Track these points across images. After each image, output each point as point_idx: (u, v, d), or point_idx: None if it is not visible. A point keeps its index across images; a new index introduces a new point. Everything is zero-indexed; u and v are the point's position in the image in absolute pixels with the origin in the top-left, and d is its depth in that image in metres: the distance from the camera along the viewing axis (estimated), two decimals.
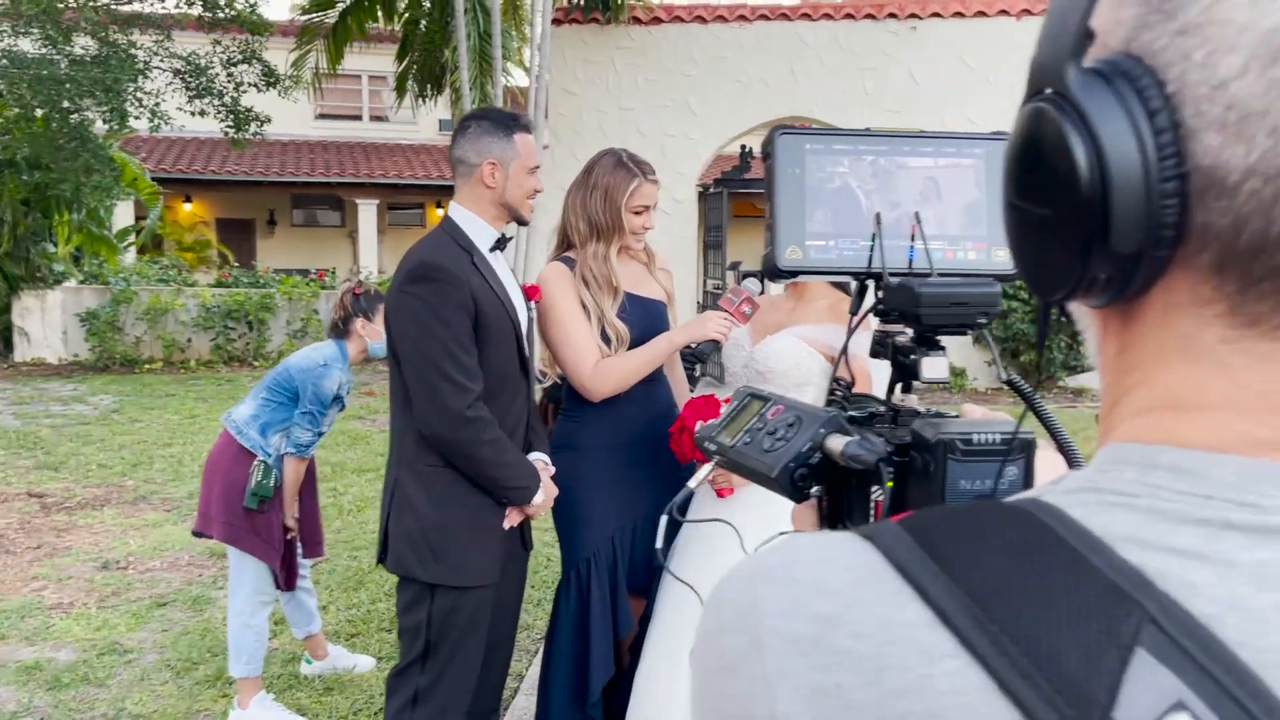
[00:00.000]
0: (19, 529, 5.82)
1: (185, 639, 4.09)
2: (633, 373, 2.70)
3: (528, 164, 2.44)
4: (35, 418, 9.27)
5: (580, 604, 2.76)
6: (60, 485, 6.95)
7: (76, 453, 7.87)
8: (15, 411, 9.60)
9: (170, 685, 3.67)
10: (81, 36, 10.55)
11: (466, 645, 2.40)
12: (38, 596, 4.63)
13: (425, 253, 2.33)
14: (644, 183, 2.73)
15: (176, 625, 4.27)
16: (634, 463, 2.77)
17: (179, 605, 4.51)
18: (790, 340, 2.70)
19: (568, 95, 11.64)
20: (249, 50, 11.77)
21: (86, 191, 10.49)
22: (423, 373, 2.26)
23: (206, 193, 20.79)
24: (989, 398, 10.84)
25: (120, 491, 6.79)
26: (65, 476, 7.21)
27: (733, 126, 11.50)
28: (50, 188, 11.01)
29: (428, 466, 2.35)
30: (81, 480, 7.09)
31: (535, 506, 2.46)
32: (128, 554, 5.30)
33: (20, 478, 7.14)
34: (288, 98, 12.35)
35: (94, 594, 4.67)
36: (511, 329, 2.41)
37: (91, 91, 9.98)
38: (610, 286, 2.74)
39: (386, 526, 2.42)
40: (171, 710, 3.47)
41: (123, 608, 4.47)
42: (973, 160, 0.90)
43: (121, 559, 5.20)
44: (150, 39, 11.04)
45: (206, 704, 3.53)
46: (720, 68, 11.38)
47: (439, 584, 2.36)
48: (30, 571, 5.00)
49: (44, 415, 9.38)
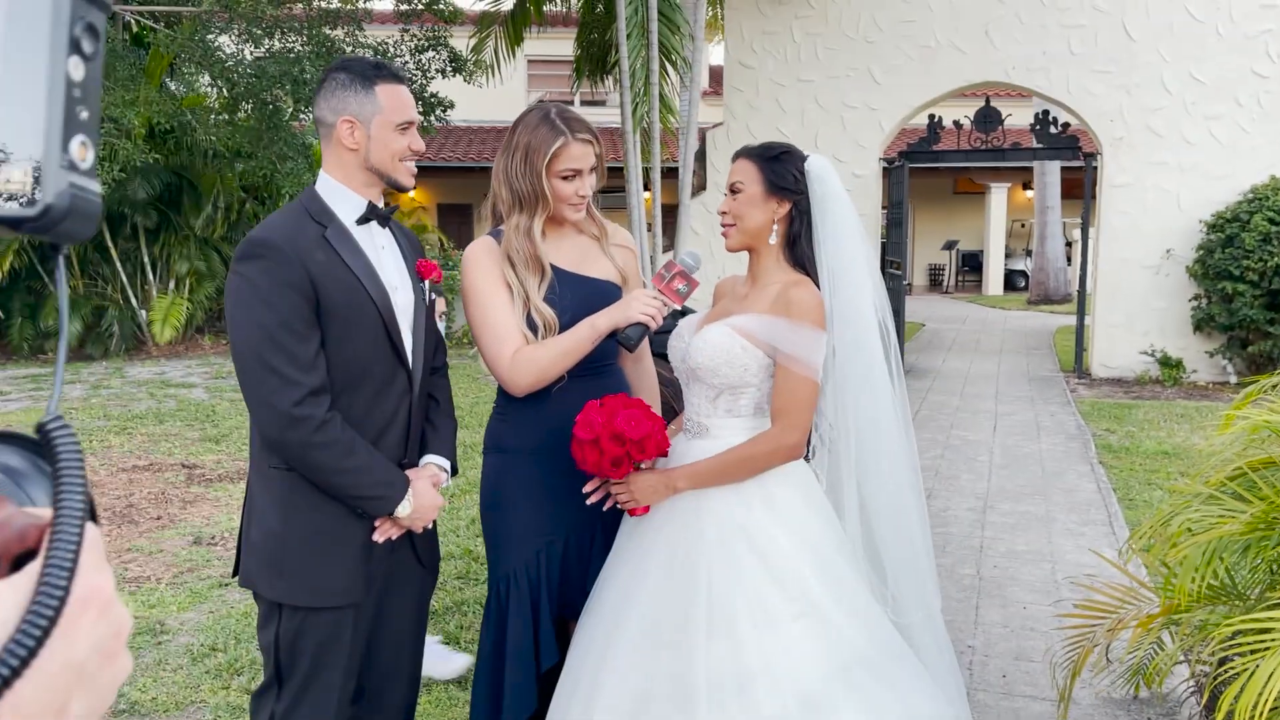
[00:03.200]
0: (153, 499, 6.11)
1: (224, 622, 4.06)
2: (553, 362, 2.31)
3: (393, 119, 2.09)
4: (222, 391, 9.87)
5: (499, 629, 2.41)
6: (214, 457, 7.29)
7: (241, 425, 8.25)
8: (208, 385, 10.28)
9: (181, 672, 3.62)
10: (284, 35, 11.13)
11: (323, 671, 2.11)
12: (122, 569, 4.77)
13: (260, 227, 2.05)
14: (571, 141, 2.32)
15: (226, 607, 4.26)
16: (568, 469, 2.37)
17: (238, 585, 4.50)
18: (723, 331, 2.23)
19: (744, 69, 11.17)
20: (435, 38, 12.03)
21: (280, 178, 11.04)
22: (248, 364, 1.97)
23: (425, 179, 21.73)
24: (1210, 393, 9.47)
25: None
26: (223, 449, 7.56)
27: (920, 95, 10.64)
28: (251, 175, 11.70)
29: (272, 469, 2.07)
30: (234, 453, 7.41)
31: (405, 519, 2.13)
32: (229, 529, 5.41)
33: (183, 448, 7.55)
34: (473, 83, 12.55)
35: (172, 569, 4.76)
36: (375, 313, 2.08)
37: (281, 83, 10.47)
38: (536, 264, 2.36)
39: (240, 534, 2.16)
40: (167, 698, 3.41)
41: (189, 585, 4.53)
42: None
43: (217, 535, 5.32)
44: (342, 31, 11.48)
45: (205, 695, 3.45)
46: (906, 32, 10.55)
47: (284, 603, 2.08)
48: (131, 544, 5.18)
49: (230, 389, 9.97)
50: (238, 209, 13.29)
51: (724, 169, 11.53)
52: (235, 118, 11.77)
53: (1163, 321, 10.10)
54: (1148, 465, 6.82)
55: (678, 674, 2.13)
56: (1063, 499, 6.04)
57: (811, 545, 2.18)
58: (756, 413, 2.27)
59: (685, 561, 2.19)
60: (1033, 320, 16.94)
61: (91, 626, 0.47)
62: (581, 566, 2.46)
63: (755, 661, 2.10)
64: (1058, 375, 10.92)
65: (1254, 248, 9.02)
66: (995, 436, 7.92)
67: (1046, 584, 4.62)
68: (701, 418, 2.30)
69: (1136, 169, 10.02)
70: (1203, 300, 9.74)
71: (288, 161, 11.15)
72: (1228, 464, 2.95)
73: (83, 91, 0.52)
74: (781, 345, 2.17)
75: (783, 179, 2.30)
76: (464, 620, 4.14)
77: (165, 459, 7.21)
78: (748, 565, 2.14)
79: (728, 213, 2.34)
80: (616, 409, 2.13)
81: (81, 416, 8.66)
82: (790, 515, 2.19)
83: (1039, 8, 10.12)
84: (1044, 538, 5.31)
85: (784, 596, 2.14)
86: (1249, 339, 9.48)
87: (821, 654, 2.12)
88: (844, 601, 2.17)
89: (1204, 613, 2.89)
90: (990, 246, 22.63)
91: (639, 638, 2.19)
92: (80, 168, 0.52)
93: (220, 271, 13.20)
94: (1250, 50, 9.65)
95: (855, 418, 2.28)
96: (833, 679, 2.11)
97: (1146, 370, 10.14)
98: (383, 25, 15.59)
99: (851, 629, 2.15)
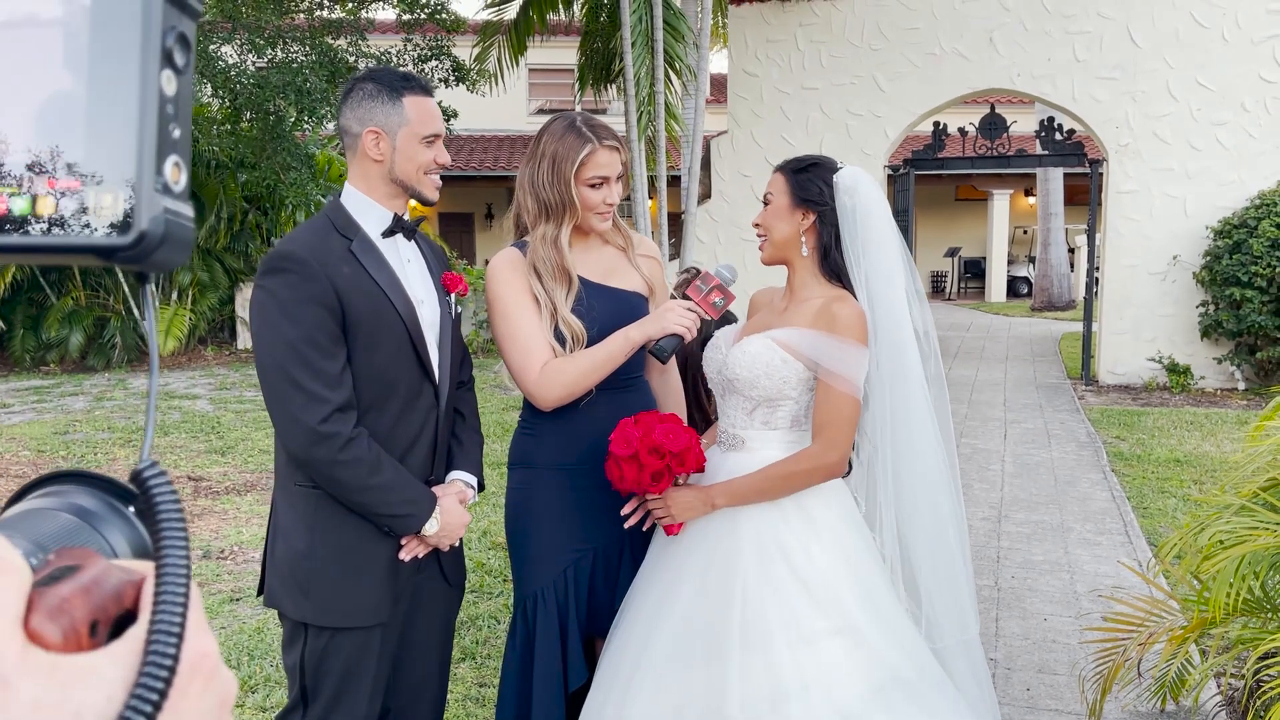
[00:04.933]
0: None
1: (236, 639, 4.01)
2: (584, 375, 2.27)
3: (420, 131, 2.05)
4: (226, 403, 9.82)
5: (526, 649, 2.36)
6: (220, 469, 7.24)
7: (247, 438, 8.21)
8: (212, 397, 10.23)
9: None
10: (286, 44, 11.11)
11: (349, 693, 2.06)
12: None
13: (285, 240, 2.01)
14: (599, 149, 2.28)
15: (236, 622, 4.21)
16: (596, 484, 2.33)
17: (251, 601, 4.46)
18: (764, 343, 2.19)
19: (748, 77, 11.15)
20: (438, 47, 12.01)
21: (284, 188, 11.01)
22: (273, 380, 1.93)
23: None
24: (1218, 399, 9.43)
25: (269, 478, 6.98)
26: (229, 461, 7.51)
27: (924, 103, 10.62)
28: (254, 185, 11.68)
29: (297, 486, 2.03)
30: (241, 465, 7.36)
31: (432, 538, 2.08)
32: (238, 543, 5.36)
33: (189, 460, 7.50)
34: (476, 92, 12.53)
35: None
36: (402, 327, 2.04)
37: (284, 93, 10.44)
38: (564, 274, 2.32)
39: (265, 553, 2.12)
40: None
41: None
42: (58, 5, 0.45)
43: (227, 548, 5.27)
44: (345, 41, 11.46)
45: None
46: (911, 40, 10.53)
47: (309, 623, 2.03)
48: None
49: (235, 400, 9.93)
50: (240, 219, 13.26)
51: (729, 177, 11.53)
52: (238, 128, 11.75)
53: (1170, 328, 10.06)
54: (1160, 473, 6.78)
55: (711, 692, 2.08)
56: (1077, 508, 5.99)
57: (849, 564, 2.14)
58: (793, 426, 2.23)
59: (721, 577, 2.15)
60: (1037, 327, 16.90)
61: (199, 697, 0.43)
62: (609, 584, 2.41)
63: (791, 679, 2.05)
64: (1065, 382, 10.88)
65: (1262, 254, 8.99)
66: (1006, 445, 7.87)
67: (1066, 595, 4.57)
68: (738, 430, 2.26)
69: (1142, 175, 9.99)
70: (1210, 307, 9.71)
71: (291, 172, 11.14)
72: (1259, 475, 2.91)
73: (175, 108, 0.48)
74: (824, 361, 2.13)
75: (807, 190, 2.26)
76: (479, 635, 4.09)
77: (171, 471, 7.15)
78: (784, 582, 2.10)
79: (760, 224, 2.30)
80: (653, 424, 2.09)
81: (85, 429, 8.62)
82: (828, 533, 2.15)
83: (1044, 14, 10.10)
84: (1060, 548, 5.26)
85: (820, 614, 2.10)
86: (1257, 345, 9.44)
87: (858, 674, 2.08)
88: (881, 622, 2.12)
89: (1237, 626, 2.85)
90: (993, 253, 22.60)
91: (671, 655, 2.15)
92: (174, 191, 0.48)
93: (223, 282, 13.17)
94: (1256, 56, 9.63)
95: (893, 437, 2.23)
96: (869, 700, 2.06)
97: (1154, 377, 10.10)
98: (385, 35, 15.57)
99: (889, 650, 2.11)
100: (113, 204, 0.45)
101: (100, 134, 0.45)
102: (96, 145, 0.45)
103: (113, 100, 0.46)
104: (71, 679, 0.40)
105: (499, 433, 7.97)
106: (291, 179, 11.04)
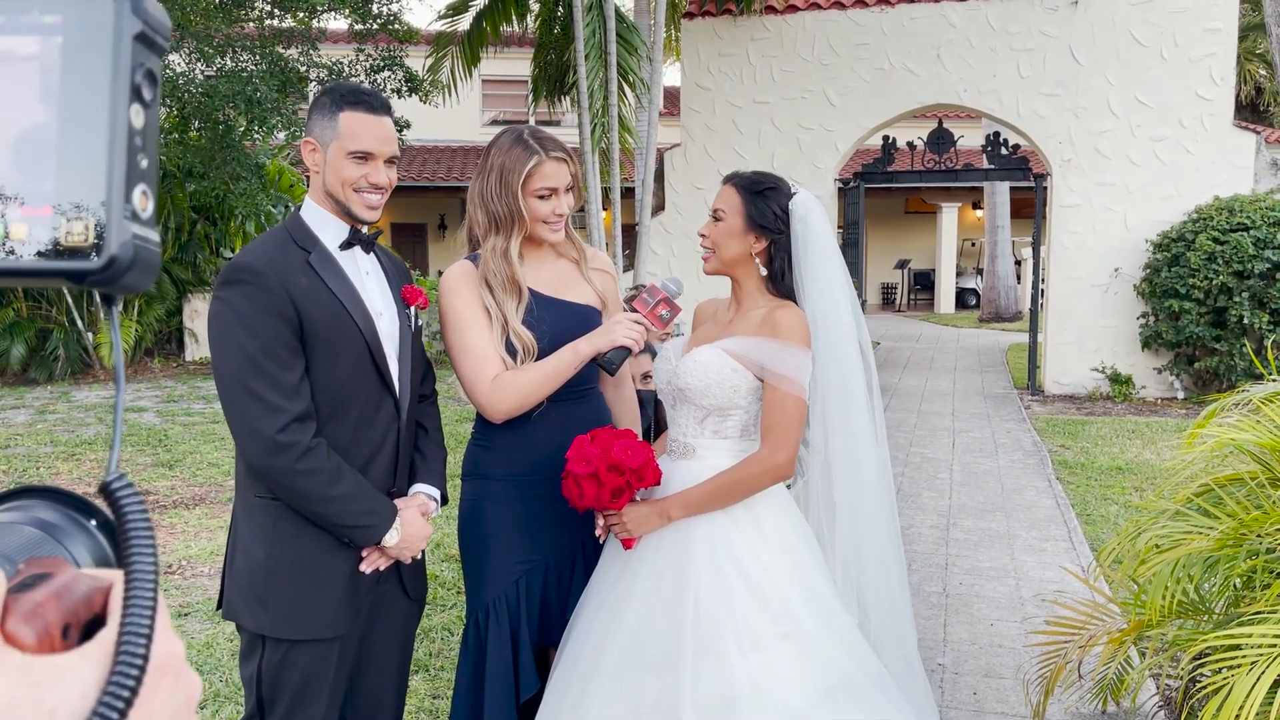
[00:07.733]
0: None
1: (186, 653, 3.96)
2: (535, 388, 2.29)
3: (348, 146, 2.06)
4: (174, 415, 9.68)
5: (478, 660, 2.38)
6: (168, 483, 7.13)
7: (195, 450, 8.09)
8: (160, 409, 10.07)
9: None
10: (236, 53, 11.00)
11: (306, 705, 2.06)
12: None
13: (244, 251, 2.02)
14: (545, 160, 2.31)
15: (186, 637, 4.17)
16: (548, 495, 2.35)
17: (199, 615, 4.42)
18: (714, 353, 2.23)
19: (700, 90, 11.26)
20: (391, 57, 11.97)
21: (233, 198, 10.89)
22: (231, 391, 1.94)
23: None
24: (1158, 408, 9.67)
25: (218, 491, 6.89)
26: (176, 474, 7.40)
27: (874, 117, 10.79)
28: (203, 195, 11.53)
29: (257, 498, 2.03)
30: (189, 479, 7.26)
31: (393, 549, 2.10)
32: (185, 557, 5.30)
33: (135, 475, 7.37)
34: (429, 103, 12.50)
35: None
36: (360, 339, 2.06)
37: (234, 102, 10.34)
38: (514, 286, 2.34)
39: (225, 565, 2.12)
40: None
41: None
42: (34, 43, 0.48)
43: (175, 563, 5.20)
44: (296, 50, 11.38)
45: None
46: (861, 55, 10.70)
47: (267, 635, 2.03)
48: None
49: (182, 413, 9.78)
50: (189, 230, 13.09)
51: (682, 189, 11.62)
52: (186, 137, 11.61)
53: (1112, 339, 10.31)
54: (1103, 481, 6.94)
55: (664, 697, 2.12)
56: (1023, 515, 6.12)
57: (798, 568, 2.19)
58: (743, 435, 2.28)
59: (673, 584, 2.18)
60: (985, 338, 17.20)
61: (168, 695, 0.45)
62: (561, 594, 2.44)
63: (743, 683, 2.09)
64: (1012, 392, 11.09)
65: (1199, 266, 9.24)
66: (954, 453, 8.01)
67: (1012, 600, 4.67)
68: (688, 438, 2.30)
69: (1085, 190, 10.24)
70: (1150, 318, 9.96)
71: (240, 182, 11.02)
72: (1193, 480, 3.01)
73: (143, 139, 0.51)
74: (769, 364, 2.18)
75: (764, 216, 2.30)
76: (432, 647, 4.09)
77: None
78: (735, 587, 2.14)
79: (708, 237, 2.34)
80: (610, 440, 2.12)
81: (27, 442, 8.45)
82: (777, 538, 2.20)
83: (989, 32, 10.32)
84: (1007, 554, 5.37)
85: (770, 619, 2.14)
86: (1195, 355, 9.70)
87: (807, 676, 2.13)
88: (829, 625, 2.17)
89: (1173, 628, 2.94)
90: (941, 265, 22.97)
91: (625, 661, 2.18)
92: (142, 217, 0.50)
93: (171, 293, 12.98)
94: (1194, 73, 9.91)
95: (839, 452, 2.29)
96: (818, 702, 2.11)
97: (1098, 387, 10.33)
98: (337, 45, 15.49)
99: (837, 652, 2.16)
100: (84, 230, 0.48)
101: (72, 164, 0.48)
102: (68, 174, 0.48)
103: (84, 132, 0.48)
104: (46, 678, 0.42)
105: (452, 444, 7.93)
106: (241, 189, 10.92)
